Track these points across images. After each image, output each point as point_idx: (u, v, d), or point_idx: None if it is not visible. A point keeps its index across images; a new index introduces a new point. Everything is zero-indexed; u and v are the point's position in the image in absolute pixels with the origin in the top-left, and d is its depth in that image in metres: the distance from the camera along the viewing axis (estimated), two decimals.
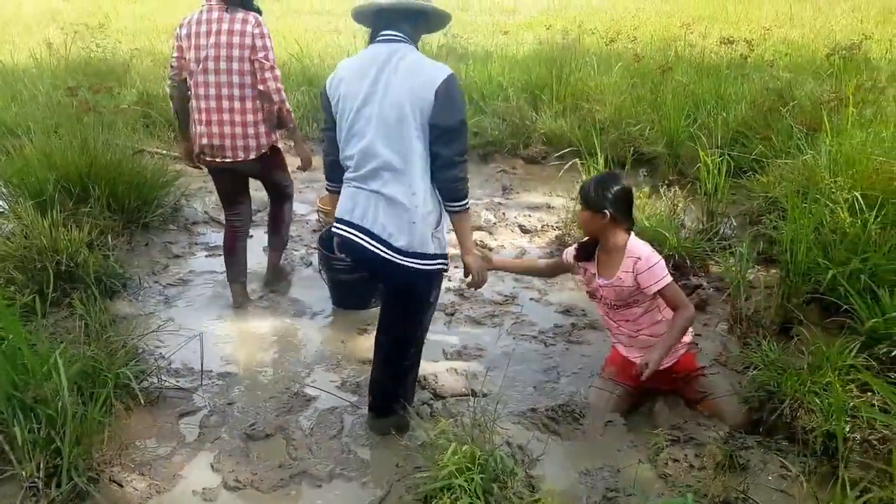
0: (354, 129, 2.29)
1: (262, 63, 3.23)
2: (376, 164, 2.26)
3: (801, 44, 8.50)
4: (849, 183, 3.50)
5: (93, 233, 3.83)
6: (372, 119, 2.24)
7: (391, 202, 2.27)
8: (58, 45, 8.79)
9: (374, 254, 2.30)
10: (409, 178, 2.25)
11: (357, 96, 2.26)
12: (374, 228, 2.30)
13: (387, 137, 2.23)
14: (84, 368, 2.59)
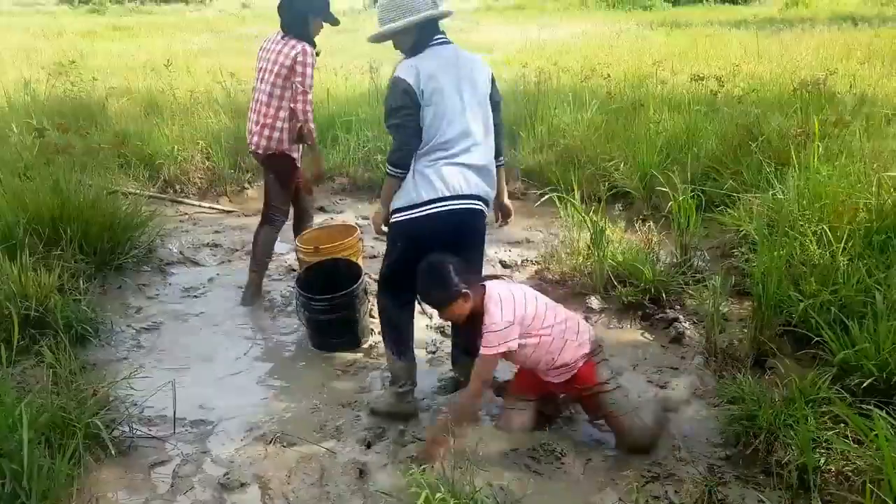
0: (451, 116, 2.73)
1: (297, 87, 3.84)
2: (471, 141, 2.78)
3: (768, 79, 8.73)
4: (817, 216, 3.58)
5: (64, 276, 3.76)
6: (466, 105, 2.77)
7: (484, 169, 2.86)
8: (33, 83, 8.77)
9: (480, 213, 2.89)
10: (489, 146, 2.88)
11: (451, 88, 2.74)
12: (479, 192, 2.84)
13: (476, 119, 2.79)
14: (53, 419, 2.53)
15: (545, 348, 2.66)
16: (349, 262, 3.92)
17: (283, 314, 4.13)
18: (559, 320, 2.69)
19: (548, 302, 2.77)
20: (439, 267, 2.61)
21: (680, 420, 2.93)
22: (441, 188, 2.75)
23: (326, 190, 6.47)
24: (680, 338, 3.61)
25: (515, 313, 2.58)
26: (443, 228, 2.79)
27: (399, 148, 2.77)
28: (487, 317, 2.57)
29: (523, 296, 2.69)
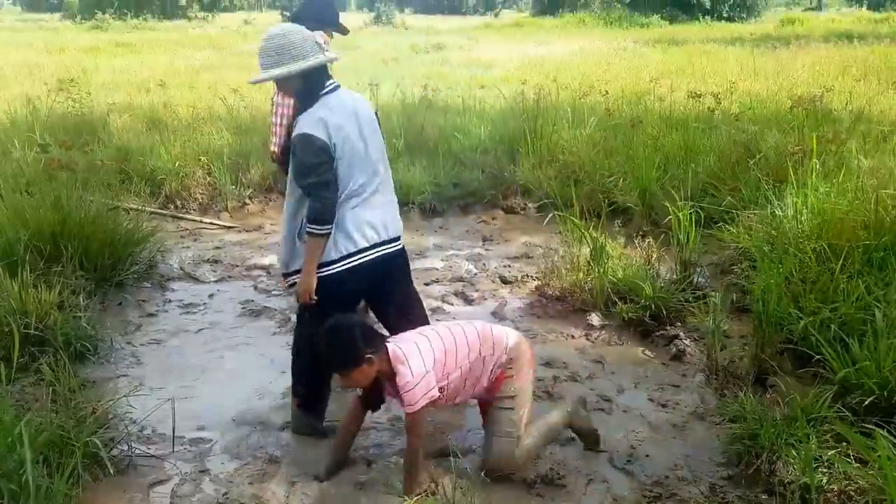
0: (360, 161, 2.77)
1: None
2: (379, 179, 2.85)
3: (765, 96, 8.80)
4: (815, 233, 3.59)
5: (64, 293, 3.75)
6: (369, 146, 2.81)
7: (394, 202, 2.98)
8: (36, 99, 8.80)
9: (400, 251, 2.97)
10: (391, 180, 2.99)
11: (356, 135, 2.76)
12: (396, 233, 2.93)
13: (378, 157, 2.87)
14: (51, 438, 2.51)
15: (466, 381, 2.59)
16: None
17: (284, 331, 4.12)
18: (473, 345, 2.58)
19: (455, 332, 2.61)
20: (344, 329, 2.46)
21: (683, 438, 2.93)
22: (360, 240, 2.76)
23: None
24: (681, 355, 3.61)
25: (425, 363, 2.47)
26: (368, 278, 2.82)
27: (324, 206, 2.67)
28: (399, 378, 2.45)
29: (428, 342, 2.54)
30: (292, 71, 2.65)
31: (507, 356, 2.63)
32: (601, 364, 3.61)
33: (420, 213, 6.25)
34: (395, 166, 6.34)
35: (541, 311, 4.25)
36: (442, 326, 2.73)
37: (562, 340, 3.89)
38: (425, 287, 4.67)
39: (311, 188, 2.68)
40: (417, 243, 5.60)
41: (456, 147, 7.12)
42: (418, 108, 8.64)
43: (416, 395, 2.43)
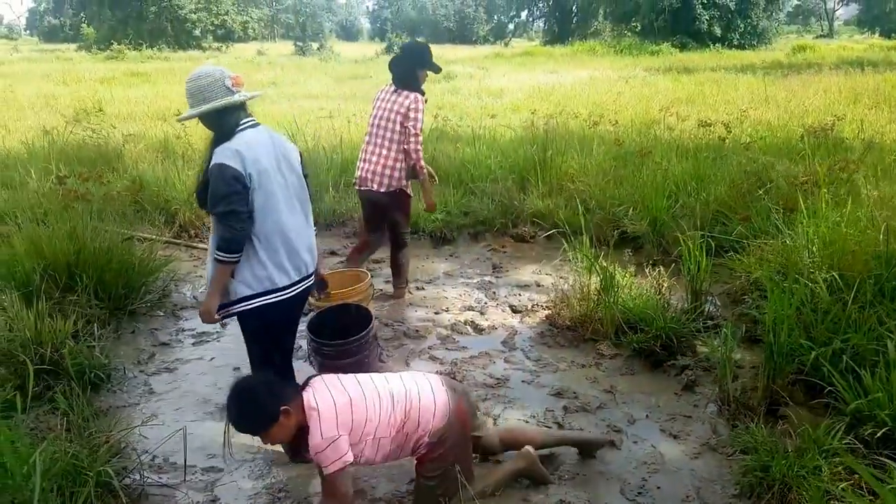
0: (280, 195, 2.85)
1: (410, 130, 4.44)
2: (301, 216, 2.99)
3: (776, 125, 8.83)
4: (827, 263, 3.58)
5: (79, 323, 3.81)
6: (289, 183, 2.93)
7: (312, 238, 3.11)
8: (53, 130, 9.00)
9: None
10: (310, 217, 3.11)
11: (274, 169, 2.85)
12: (314, 268, 3.12)
13: (299, 194, 2.99)
14: (65, 467, 2.54)
15: (389, 448, 2.47)
16: (359, 308, 3.94)
17: (295, 358, 4.13)
18: (396, 420, 2.45)
19: (383, 400, 2.47)
20: (248, 391, 2.33)
21: (695, 470, 2.90)
22: (292, 272, 2.89)
23: (338, 234, 6.55)
24: (692, 385, 3.59)
25: (338, 425, 2.31)
26: (295, 310, 3.04)
27: (233, 235, 2.70)
28: (310, 436, 2.30)
29: (348, 400, 2.39)
30: (202, 111, 2.77)
31: (428, 440, 2.49)
32: (612, 394, 3.60)
33: (430, 240, 6.29)
34: None
35: (551, 341, 4.24)
36: (372, 388, 2.50)
37: (572, 370, 3.89)
38: (435, 315, 4.69)
39: (222, 217, 2.70)
40: (428, 271, 5.63)
41: (466, 176, 7.19)
42: (429, 138, 8.74)
43: (326, 458, 2.29)
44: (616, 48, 34.58)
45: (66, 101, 13.58)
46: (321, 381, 2.49)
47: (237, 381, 2.39)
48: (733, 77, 16.82)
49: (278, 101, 14.57)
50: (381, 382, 2.56)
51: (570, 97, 13.34)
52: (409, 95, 4.47)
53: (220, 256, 2.72)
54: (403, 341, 4.31)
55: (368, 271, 4.64)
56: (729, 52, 33.10)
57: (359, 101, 14.39)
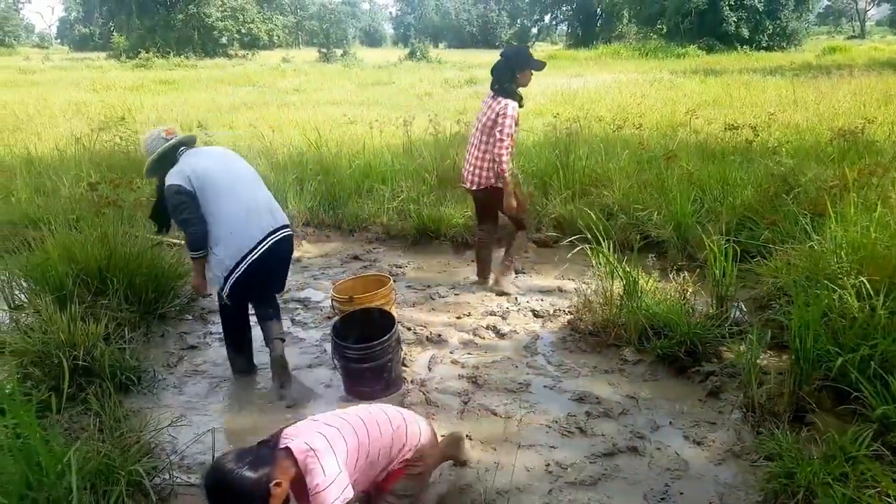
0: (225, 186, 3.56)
1: (496, 135, 4.73)
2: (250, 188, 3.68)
3: (805, 127, 8.70)
4: (855, 268, 3.53)
5: (110, 326, 3.91)
6: (232, 167, 3.70)
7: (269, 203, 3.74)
8: (83, 137, 9.21)
9: (284, 239, 3.73)
10: (264, 192, 3.79)
11: (215, 165, 3.59)
12: (276, 224, 3.69)
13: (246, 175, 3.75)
14: (98, 466, 2.61)
15: (366, 476, 2.41)
16: (382, 312, 3.99)
17: (319, 361, 4.20)
18: (385, 442, 2.42)
19: (369, 426, 2.43)
20: (228, 481, 2.07)
21: (718, 476, 2.88)
22: (257, 235, 3.57)
23: (361, 239, 6.61)
24: (717, 392, 3.56)
25: (338, 460, 2.22)
26: (269, 262, 3.63)
27: (193, 237, 3.55)
28: (311, 478, 2.17)
29: (339, 434, 2.32)
30: (148, 165, 3.67)
31: (412, 454, 2.48)
32: (635, 400, 3.58)
33: (452, 246, 6.31)
34: (425, 201, 6.48)
35: (573, 346, 4.24)
36: (354, 416, 2.46)
37: (595, 375, 3.88)
38: (457, 320, 4.71)
39: (180, 224, 3.57)
40: (449, 277, 5.65)
41: None
42: (451, 143, 8.77)
43: (329, 496, 2.15)
44: (641, 51, 34.35)
45: (96, 109, 13.90)
46: (297, 427, 2.35)
47: (210, 476, 2.11)
48: (761, 79, 16.61)
49: (302, 107, 14.75)
50: (360, 411, 2.52)
51: (594, 100, 13.29)
52: (502, 102, 4.72)
53: (191, 255, 3.64)
54: (426, 346, 4.34)
55: (391, 276, 4.67)
56: (757, 53, 32.65)
57: (381, 107, 14.51)
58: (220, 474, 2.07)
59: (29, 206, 6.50)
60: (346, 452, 2.27)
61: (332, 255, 6.31)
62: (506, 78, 4.76)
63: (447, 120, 10.13)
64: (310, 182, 7.35)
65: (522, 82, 4.83)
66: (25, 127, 11.93)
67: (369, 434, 2.38)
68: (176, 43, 44.00)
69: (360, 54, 46.49)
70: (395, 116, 11.79)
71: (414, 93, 17.83)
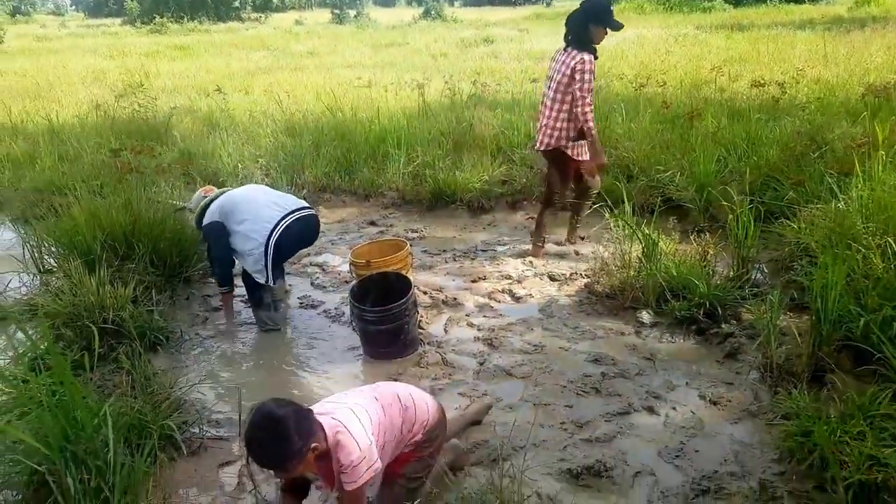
0: (254, 197, 4.08)
1: (576, 91, 4.50)
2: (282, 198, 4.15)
3: (835, 84, 8.46)
4: (881, 228, 3.48)
5: (137, 289, 4.01)
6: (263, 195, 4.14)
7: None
8: (104, 104, 9.30)
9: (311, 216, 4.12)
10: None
11: (247, 192, 4.18)
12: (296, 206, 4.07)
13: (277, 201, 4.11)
14: (131, 421, 2.73)
15: (393, 448, 2.41)
16: (399, 275, 4.04)
17: (338, 323, 4.27)
18: (395, 420, 2.39)
19: (384, 403, 2.41)
20: (276, 427, 2.06)
21: (734, 435, 2.92)
22: (272, 218, 3.93)
23: (377, 205, 6.63)
24: (735, 353, 3.56)
25: (367, 433, 2.23)
26: (298, 233, 4.00)
27: (219, 275, 4.21)
28: (343, 454, 2.16)
29: (364, 411, 2.31)
30: (195, 218, 4.18)
31: (421, 437, 2.46)
32: (652, 361, 3.60)
33: (468, 210, 6.30)
34: (441, 165, 6.46)
35: (589, 309, 4.25)
36: (369, 392, 2.47)
37: (611, 337, 3.90)
38: (473, 284, 4.74)
39: (210, 263, 4.41)
40: (465, 241, 5.67)
41: (504, 143, 7.15)
42: (467, 105, 8.70)
43: (360, 471, 2.16)
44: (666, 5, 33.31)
45: (114, 76, 13.95)
46: (322, 406, 2.35)
47: (259, 416, 2.11)
48: (790, 34, 16.07)
49: (316, 71, 14.64)
50: (373, 388, 2.52)
51: (616, 57, 12.99)
52: (577, 56, 4.47)
53: (220, 290, 4.29)
54: (442, 309, 4.38)
55: (407, 240, 4.70)
56: (787, 6, 31.45)
57: (396, 69, 14.35)
58: (271, 416, 2.07)
59: (53, 173, 6.62)
60: (372, 427, 2.27)
61: (349, 221, 6.35)
62: (581, 30, 4.52)
63: (463, 81, 10.02)
64: (325, 147, 7.37)
65: (596, 39, 4.55)
66: (46, 95, 12.03)
67: (385, 412, 2.36)
68: (189, 7, 43.69)
69: (374, 15, 45.85)
70: (409, 79, 11.69)
71: (429, 53, 17.57)
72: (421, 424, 2.45)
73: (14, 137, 8.31)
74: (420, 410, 2.47)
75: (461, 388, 3.45)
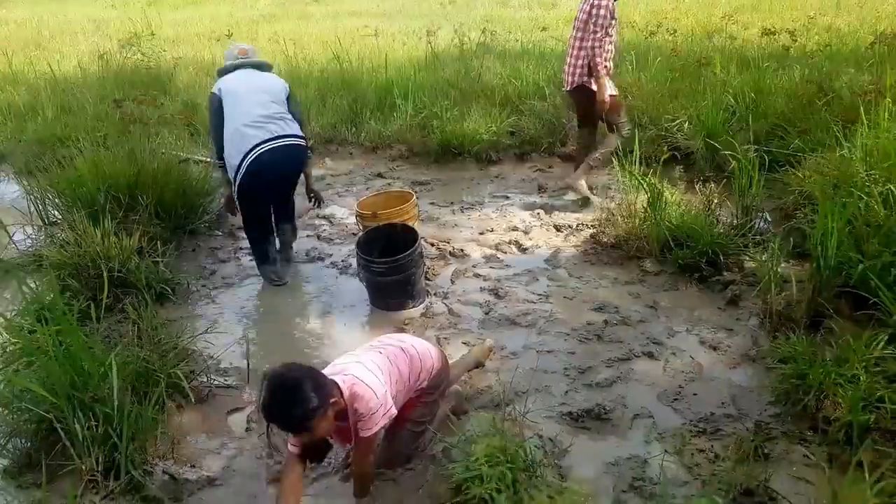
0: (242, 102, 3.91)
1: (589, 26, 4.72)
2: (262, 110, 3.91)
3: (845, 32, 8.28)
4: (884, 176, 3.45)
5: (142, 240, 4.01)
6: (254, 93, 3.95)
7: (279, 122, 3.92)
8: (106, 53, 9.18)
9: (295, 147, 3.97)
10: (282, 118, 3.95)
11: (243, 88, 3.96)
12: (284, 132, 3.90)
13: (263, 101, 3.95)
14: (138, 369, 2.78)
15: (404, 397, 2.48)
16: (405, 227, 4.05)
17: (345, 275, 4.31)
18: (403, 370, 2.46)
19: (390, 354, 2.47)
20: (294, 385, 2.10)
21: (732, 379, 2.96)
22: (262, 135, 3.80)
23: (384, 157, 6.59)
24: (736, 300, 3.59)
25: (380, 379, 2.31)
26: (269, 167, 3.84)
27: (214, 145, 4.07)
28: (361, 402, 2.22)
29: (372, 361, 2.38)
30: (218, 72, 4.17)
31: (427, 384, 2.55)
32: (654, 309, 3.64)
33: (476, 162, 6.25)
34: (448, 116, 6.39)
35: (595, 259, 4.26)
36: (376, 346, 2.54)
37: (615, 286, 3.92)
38: (480, 235, 4.75)
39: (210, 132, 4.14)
40: (473, 192, 5.65)
41: (513, 94, 7.05)
42: (476, 54, 8.55)
43: (377, 417, 2.25)
44: None
45: (115, 26, 13.74)
46: (333, 366, 2.40)
47: (274, 382, 2.13)
48: None
49: (322, 20, 14.39)
50: (378, 342, 2.58)
51: (627, 3, 12.67)
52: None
53: (217, 164, 4.17)
54: (448, 260, 4.41)
55: (414, 192, 4.70)
56: None
57: (404, 17, 14.08)
58: (286, 380, 2.11)
59: (56, 125, 6.59)
60: (384, 376, 2.35)
61: (356, 173, 6.33)
62: None
63: (473, 30, 9.82)
64: (331, 97, 7.29)
65: None
66: (47, 45, 11.89)
67: (392, 363, 2.43)
68: None
69: None
70: (418, 27, 11.47)
71: (437, 1, 17.19)
72: (427, 372, 2.54)
73: (16, 88, 8.26)
74: (425, 359, 2.56)
75: (466, 336, 3.49)
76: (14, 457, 2.59)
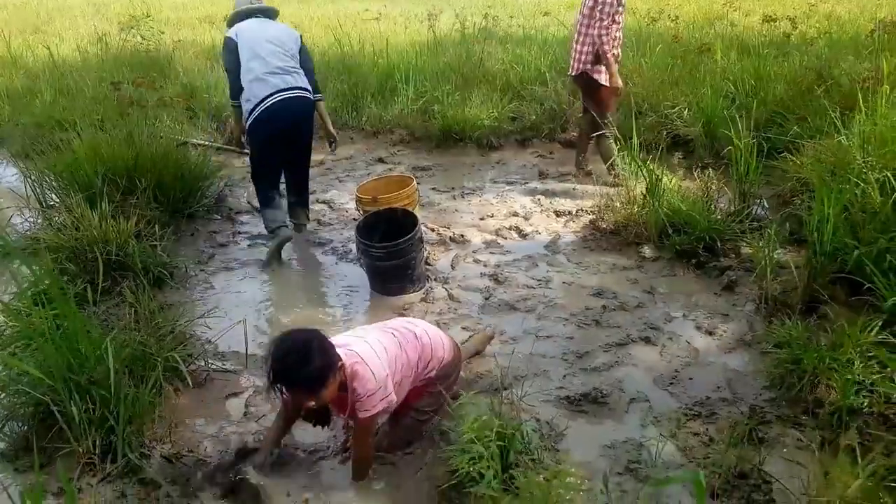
0: (257, 51, 4.07)
1: (596, 14, 4.74)
2: (276, 61, 4.08)
3: (846, 19, 8.25)
4: (881, 163, 3.46)
5: (140, 224, 3.99)
6: (269, 43, 4.10)
7: (291, 75, 4.13)
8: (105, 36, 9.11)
9: (303, 99, 4.14)
10: (293, 70, 4.15)
11: (260, 37, 4.09)
12: (296, 84, 4.11)
13: (276, 53, 4.10)
14: (135, 353, 2.77)
15: (410, 383, 2.47)
16: (405, 211, 4.05)
17: (345, 260, 4.31)
18: (412, 356, 2.44)
19: (400, 338, 2.46)
20: (305, 346, 2.11)
21: (728, 363, 2.98)
22: (272, 85, 3.99)
23: (385, 142, 6.58)
24: (733, 286, 3.60)
25: (383, 363, 2.29)
26: (284, 116, 4.05)
27: (230, 87, 4.20)
28: (360, 384, 2.21)
29: (378, 343, 2.37)
30: (228, 17, 4.31)
31: (435, 374, 2.53)
32: (651, 294, 3.65)
33: (477, 147, 6.25)
34: (450, 101, 6.37)
35: (594, 244, 4.28)
36: (383, 328, 2.52)
37: (614, 272, 3.94)
38: (480, 221, 4.76)
39: (227, 73, 4.22)
40: (474, 178, 5.65)
41: (514, 79, 7.02)
42: (477, 38, 8.51)
43: (374, 400, 2.24)
44: None
45: (115, 8, 13.64)
46: (337, 339, 2.35)
47: (287, 342, 2.15)
48: None
49: (323, 3, 14.29)
50: (391, 324, 2.57)
51: None
52: None
53: (231, 103, 4.30)
54: (449, 245, 4.41)
55: (415, 178, 4.69)
56: None
57: (406, 1, 13.98)
58: (298, 339, 2.13)
59: (54, 108, 6.56)
60: (388, 360, 2.33)
61: (357, 158, 6.31)
62: None
63: (475, 15, 9.78)
64: (332, 82, 7.26)
65: None
66: (46, 27, 11.81)
67: (401, 347, 2.42)
68: None
69: None
70: (420, 11, 11.40)
71: None
72: (437, 361, 2.53)
73: (14, 71, 8.21)
74: (436, 348, 2.53)
75: (466, 322, 3.50)
76: (11, 440, 2.58)
